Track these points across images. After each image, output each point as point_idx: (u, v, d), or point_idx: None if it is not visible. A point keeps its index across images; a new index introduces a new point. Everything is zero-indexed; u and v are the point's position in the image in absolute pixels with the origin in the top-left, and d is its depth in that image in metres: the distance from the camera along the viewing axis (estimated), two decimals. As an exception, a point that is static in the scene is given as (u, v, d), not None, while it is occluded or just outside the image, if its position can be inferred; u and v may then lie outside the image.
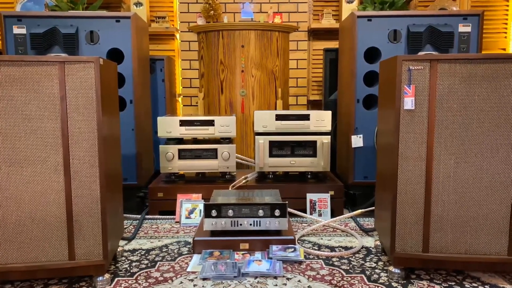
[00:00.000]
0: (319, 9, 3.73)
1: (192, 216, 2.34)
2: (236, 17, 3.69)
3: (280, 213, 1.93)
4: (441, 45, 2.37)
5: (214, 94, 3.09)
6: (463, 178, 1.55)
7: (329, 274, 1.69)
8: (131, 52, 2.48)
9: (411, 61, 1.52)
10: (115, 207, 1.75)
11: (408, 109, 1.52)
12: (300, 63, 3.78)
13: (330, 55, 3.14)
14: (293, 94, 3.78)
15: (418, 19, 2.43)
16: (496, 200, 1.55)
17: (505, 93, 1.50)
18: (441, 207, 1.57)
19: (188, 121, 2.49)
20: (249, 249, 1.92)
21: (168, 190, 2.47)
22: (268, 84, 3.07)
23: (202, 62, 3.15)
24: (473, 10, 2.45)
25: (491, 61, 1.50)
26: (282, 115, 2.52)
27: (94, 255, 1.57)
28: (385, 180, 1.73)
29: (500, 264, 1.60)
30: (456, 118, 1.53)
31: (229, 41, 3.00)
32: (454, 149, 1.54)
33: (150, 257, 1.89)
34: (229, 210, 1.91)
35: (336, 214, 2.46)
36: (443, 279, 1.64)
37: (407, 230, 1.60)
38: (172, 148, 2.47)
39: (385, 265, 1.77)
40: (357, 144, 2.52)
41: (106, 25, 2.44)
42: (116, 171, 1.77)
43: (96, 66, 1.51)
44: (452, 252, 1.59)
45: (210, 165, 2.50)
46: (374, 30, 2.44)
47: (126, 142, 2.50)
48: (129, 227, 2.31)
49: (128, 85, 2.50)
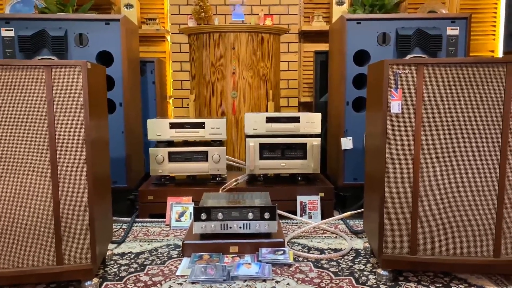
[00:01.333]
0: (309, 11, 3.75)
1: (182, 219, 2.34)
2: (227, 19, 3.70)
3: (270, 215, 1.93)
4: (429, 48, 2.39)
5: (205, 96, 3.09)
6: (449, 181, 1.56)
7: (318, 277, 1.70)
8: (121, 55, 2.47)
9: (398, 65, 1.53)
10: (104, 211, 1.74)
11: (395, 112, 1.54)
12: (291, 65, 3.79)
13: (320, 57, 3.15)
14: (284, 96, 3.79)
15: (407, 22, 2.45)
16: (482, 203, 1.57)
17: (490, 96, 1.52)
18: (428, 210, 1.58)
19: (178, 124, 2.49)
20: (239, 252, 1.92)
21: (158, 193, 2.46)
22: (259, 86, 3.08)
23: (193, 64, 3.15)
24: (461, 14, 2.48)
25: (477, 65, 1.51)
26: (272, 117, 2.52)
27: (82, 259, 1.56)
28: (373, 182, 1.74)
29: (486, 266, 1.61)
30: (443, 121, 1.54)
31: (220, 43, 3.00)
32: (440, 152, 1.55)
33: (140, 260, 1.88)
34: (218, 213, 1.91)
35: (326, 216, 2.47)
36: (430, 281, 1.65)
37: (395, 232, 1.61)
38: (162, 150, 2.47)
39: (374, 267, 1.78)
40: (346, 146, 2.53)
41: (96, 27, 2.43)
42: (104, 175, 1.76)
43: (83, 70, 1.50)
44: (439, 254, 1.61)
45: (200, 168, 2.50)
46: (363, 33, 2.46)
47: (116, 145, 2.49)
48: (119, 230, 2.30)
49: (117, 88, 2.49)
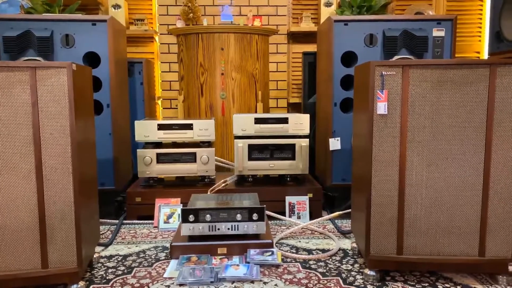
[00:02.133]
0: (298, 12, 3.76)
1: (171, 221, 2.33)
2: (216, 19, 3.69)
3: (258, 216, 1.93)
4: (415, 49, 2.41)
5: (194, 96, 3.08)
6: (435, 181, 1.58)
7: (305, 278, 1.70)
8: (108, 56, 2.45)
9: (384, 66, 1.54)
10: (90, 213, 1.73)
11: (381, 113, 1.55)
12: (280, 66, 3.80)
13: (308, 59, 3.17)
14: (274, 97, 3.80)
15: (394, 23, 2.47)
16: (467, 203, 1.58)
17: (475, 97, 1.54)
18: (414, 210, 1.60)
19: (166, 125, 2.48)
20: (227, 253, 1.92)
21: (146, 194, 2.45)
22: (248, 86, 3.08)
23: (181, 64, 3.14)
24: (446, 15, 2.50)
25: (461, 66, 1.53)
26: (261, 118, 2.52)
27: (68, 262, 1.54)
28: (359, 183, 1.75)
29: (472, 265, 1.63)
30: (428, 122, 1.56)
31: (208, 43, 3.00)
32: (426, 153, 1.57)
33: (127, 263, 1.87)
34: (206, 215, 1.91)
35: (314, 216, 2.48)
36: (417, 281, 1.67)
37: (382, 232, 1.62)
38: (150, 152, 2.46)
39: (361, 268, 1.79)
40: (334, 147, 2.54)
41: (82, 28, 2.42)
42: (91, 176, 1.75)
43: (68, 71, 1.49)
44: (425, 254, 1.62)
45: (189, 169, 2.49)
46: (350, 34, 2.48)
47: (103, 146, 2.48)
48: (107, 232, 2.29)
49: (105, 89, 2.47)
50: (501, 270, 1.63)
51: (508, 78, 1.52)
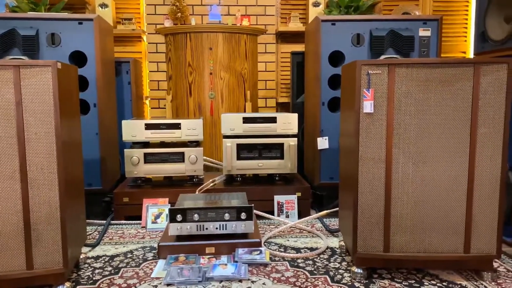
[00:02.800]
0: (286, 12, 3.77)
1: (159, 221, 2.32)
2: (204, 19, 3.69)
3: (246, 216, 1.93)
4: (402, 49, 2.43)
5: (182, 96, 3.07)
6: (420, 179, 1.60)
7: (293, 276, 1.71)
8: (95, 55, 2.43)
9: (370, 65, 1.55)
10: (76, 214, 1.71)
11: (368, 112, 1.56)
12: (268, 66, 3.80)
13: (297, 58, 3.17)
14: (262, 97, 3.80)
15: (381, 23, 2.49)
16: (452, 200, 1.60)
17: (459, 96, 1.56)
18: (400, 208, 1.61)
19: (154, 125, 2.47)
20: (215, 253, 1.92)
21: (134, 194, 2.43)
22: (237, 86, 3.08)
23: (170, 64, 3.13)
24: (432, 15, 2.53)
25: (446, 65, 1.55)
26: (249, 118, 2.52)
27: (54, 263, 1.53)
28: (347, 182, 1.76)
29: (457, 262, 1.66)
30: (414, 120, 1.57)
31: (197, 43, 2.99)
32: (412, 151, 1.58)
33: (114, 263, 1.86)
34: (194, 215, 1.90)
35: (303, 215, 2.48)
36: (403, 278, 1.68)
37: (369, 230, 1.63)
38: (138, 152, 2.44)
39: (349, 265, 1.80)
40: (322, 146, 2.55)
41: (68, 27, 2.39)
42: (77, 177, 1.73)
43: (53, 70, 1.47)
44: (412, 251, 1.64)
45: (177, 169, 2.48)
46: (338, 34, 2.49)
47: (90, 146, 2.46)
48: (94, 233, 2.27)
49: (91, 88, 2.45)
50: (486, 266, 1.65)
51: (491, 77, 1.55)
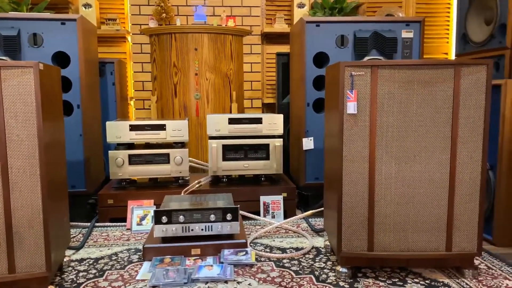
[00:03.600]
0: (271, 13, 3.78)
1: (144, 223, 2.31)
2: (189, 20, 3.67)
3: (232, 217, 1.94)
4: (385, 50, 2.47)
5: (167, 97, 3.05)
6: (403, 179, 1.62)
7: (279, 276, 1.71)
8: (78, 55, 2.41)
9: (353, 67, 1.57)
10: (60, 216, 1.69)
11: (351, 113, 1.57)
12: (254, 67, 3.81)
13: (282, 59, 3.19)
14: (248, 97, 3.81)
15: (364, 25, 2.51)
16: (434, 199, 1.63)
17: (441, 96, 1.59)
18: (384, 207, 1.63)
19: (139, 126, 2.45)
20: (201, 254, 1.91)
21: (118, 196, 2.41)
22: (222, 87, 3.08)
23: (154, 65, 3.11)
24: (415, 17, 2.57)
25: (428, 67, 1.58)
26: (234, 118, 2.53)
27: (36, 267, 1.51)
28: (331, 182, 1.78)
29: (440, 260, 1.68)
30: (396, 121, 1.59)
31: (182, 44, 2.98)
32: (394, 151, 1.61)
33: (99, 266, 1.84)
34: (180, 216, 1.90)
35: (289, 215, 2.50)
36: (387, 276, 1.70)
37: (353, 230, 1.65)
38: (122, 153, 2.42)
39: (334, 265, 1.82)
40: (308, 147, 2.57)
41: (51, 27, 2.36)
42: (60, 179, 1.71)
43: (35, 71, 1.45)
44: (395, 250, 1.66)
45: (162, 170, 2.47)
46: (322, 35, 2.51)
47: (74, 148, 2.43)
48: (78, 235, 2.24)
49: (75, 89, 2.43)
50: (467, 264, 1.69)
51: (471, 78, 1.58)
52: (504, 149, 1.98)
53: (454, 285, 1.62)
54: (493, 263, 1.83)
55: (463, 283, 1.64)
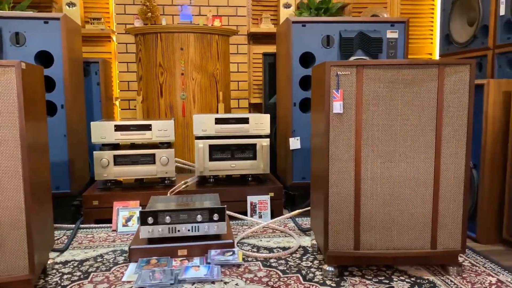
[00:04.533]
0: (258, 13, 3.78)
1: (130, 224, 2.28)
2: (175, 19, 3.65)
3: (219, 217, 1.93)
4: (370, 50, 2.49)
5: (153, 97, 3.03)
6: (389, 177, 1.63)
7: (266, 276, 1.71)
8: (62, 55, 2.37)
9: (339, 66, 1.58)
10: (43, 218, 1.66)
11: (337, 112, 1.58)
12: (240, 67, 3.80)
13: (268, 59, 3.19)
14: (235, 97, 3.80)
15: (350, 25, 2.53)
16: (419, 198, 1.65)
17: (425, 96, 1.60)
18: (369, 206, 1.65)
19: (124, 126, 2.43)
20: (188, 255, 1.90)
21: (103, 197, 2.39)
22: (209, 87, 3.07)
23: (140, 64, 3.09)
24: (399, 18, 2.59)
25: (412, 66, 1.59)
26: (221, 118, 2.52)
27: (19, 269, 1.48)
28: (318, 181, 1.79)
29: (425, 257, 1.71)
30: (382, 120, 1.61)
31: (168, 43, 2.96)
32: (380, 150, 1.62)
33: (84, 268, 1.81)
34: (166, 217, 1.88)
35: (276, 215, 2.50)
36: (374, 274, 1.71)
37: (339, 229, 1.66)
38: (107, 154, 2.40)
39: (320, 264, 1.83)
40: (294, 146, 2.57)
41: (34, 26, 2.32)
42: (43, 180, 1.68)
43: (17, 70, 1.43)
44: (381, 248, 1.67)
45: (148, 171, 2.45)
46: (308, 35, 2.52)
47: (58, 149, 2.40)
48: (62, 237, 2.21)
49: (58, 89, 2.39)
50: (452, 261, 1.71)
51: (455, 77, 1.60)
52: (487, 148, 2.01)
53: (439, 282, 1.64)
54: (476, 260, 1.86)
55: (447, 280, 1.66)
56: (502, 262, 1.85)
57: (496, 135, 2.01)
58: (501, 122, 2.01)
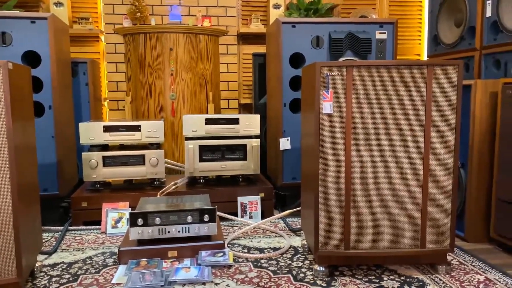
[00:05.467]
0: (247, 14, 3.78)
1: (119, 226, 2.26)
2: (164, 19, 3.63)
3: (209, 218, 1.92)
4: (360, 51, 2.50)
5: (142, 98, 3.01)
6: (378, 177, 1.64)
7: (257, 276, 1.71)
8: (49, 55, 2.34)
9: (329, 67, 1.59)
10: (31, 220, 1.64)
11: (327, 113, 1.59)
12: (230, 67, 3.80)
13: (258, 60, 3.19)
14: (225, 98, 3.79)
15: (339, 26, 2.54)
16: (408, 198, 1.66)
17: (414, 96, 1.62)
18: (360, 206, 1.65)
19: (113, 127, 2.41)
20: (178, 256, 1.89)
21: (92, 199, 2.36)
22: (199, 87, 3.05)
23: (129, 65, 3.06)
24: (388, 19, 2.61)
25: (401, 67, 1.61)
26: (211, 119, 2.51)
27: (7, 273, 1.46)
28: (308, 181, 1.79)
29: (414, 257, 1.72)
30: (371, 121, 1.62)
31: (157, 43, 2.94)
32: (369, 150, 1.63)
33: (72, 270, 1.79)
34: (156, 218, 1.87)
35: (266, 215, 2.50)
36: (364, 274, 1.72)
37: (330, 228, 1.67)
38: (96, 155, 2.37)
39: (311, 264, 1.83)
40: (285, 147, 2.58)
41: (20, 26, 2.29)
42: (31, 182, 1.66)
43: (3, 70, 1.41)
44: (371, 248, 1.68)
45: (137, 172, 2.43)
46: (298, 36, 2.52)
47: (46, 150, 2.37)
48: (50, 240, 2.18)
49: (46, 90, 2.36)
50: (441, 260, 1.73)
51: (443, 78, 1.61)
52: (475, 147, 2.04)
53: (428, 281, 1.66)
54: (465, 258, 1.88)
55: (436, 279, 1.67)
56: (490, 260, 1.87)
57: (483, 135, 2.04)
58: (488, 122, 2.03)
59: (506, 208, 1.92)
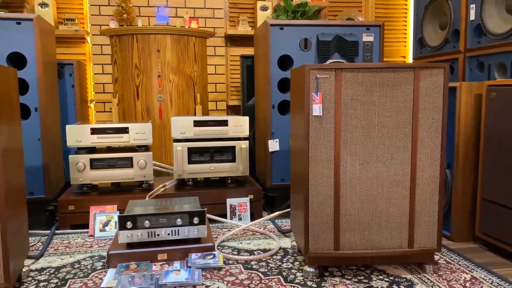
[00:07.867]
0: (235, 15, 3.79)
1: (107, 229, 2.24)
2: (151, 21, 3.62)
3: (199, 220, 1.92)
4: (347, 54, 2.53)
5: (129, 99, 2.99)
6: (367, 179, 1.66)
7: (247, 278, 1.71)
8: (35, 57, 2.31)
9: (318, 70, 1.60)
10: (18, 224, 1.62)
11: (316, 115, 1.60)
12: (218, 69, 3.80)
13: (246, 62, 3.20)
14: (213, 99, 3.79)
15: (327, 28, 2.56)
16: (397, 199, 1.68)
17: (402, 98, 1.64)
18: (349, 207, 1.67)
19: (100, 129, 2.38)
20: (168, 259, 1.88)
21: (80, 202, 2.34)
22: (186, 89, 3.05)
23: (115, 66, 3.04)
24: (375, 21, 2.64)
25: (389, 70, 1.63)
26: (200, 121, 2.51)
27: (-7, 278, 1.43)
28: (297, 183, 1.80)
29: (402, 256, 1.74)
30: (360, 122, 1.64)
31: (144, 45, 2.93)
32: (358, 152, 1.65)
33: (60, 275, 1.77)
34: (145, 221, 1.86)
35: (256, 217, 2.50)
36: (353, 274, 1.74)
37: (319, 230, 1.68)
38: (83, 157, 2.35)
39: (301, 265, 1.84)
40: (273, 148, 2.59)
41: (5, 27, 2.26)
42: (18, 185, 1.64)
43: (-10, 73, 1.38)
44: (360, 249, 1.70)
45: (125, 174, 2.42)
46: (286, 38, 2.54)
47: (32, 153, 2.33)
48: (37, 244, 2.15)
49: (32, 92, 2.33)
50: (428, 259, 1.75)
51: (430, 80, 1.64)
52: (460, 148, 2.08)
53: (416, 280, 1.69)
54: (451, 257, 1.92)
55: (424, 278, 1.70)
56: (476, 259, 1.91)
57: (468, 136, 2.08)
58: (472, 123, 2.08)
59: (490, 208, 1.96)
